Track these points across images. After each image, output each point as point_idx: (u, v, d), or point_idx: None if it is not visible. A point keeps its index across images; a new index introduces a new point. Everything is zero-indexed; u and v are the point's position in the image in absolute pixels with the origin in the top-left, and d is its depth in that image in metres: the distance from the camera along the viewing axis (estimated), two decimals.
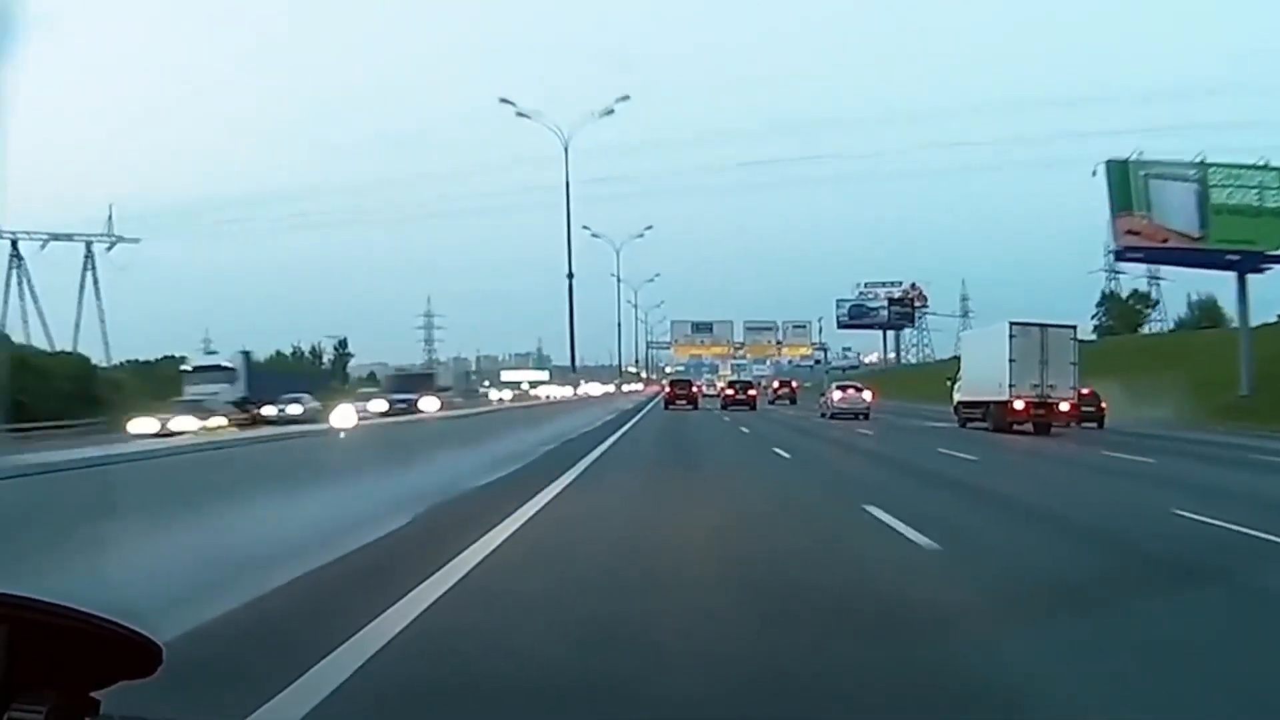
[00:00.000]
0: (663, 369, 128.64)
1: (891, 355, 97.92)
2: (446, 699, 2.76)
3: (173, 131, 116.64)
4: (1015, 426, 18.85)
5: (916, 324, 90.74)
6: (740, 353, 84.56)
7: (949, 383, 23.74)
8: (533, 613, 3.66)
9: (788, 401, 43.03)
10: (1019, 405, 19.13)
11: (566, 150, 25.52)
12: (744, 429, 18.87)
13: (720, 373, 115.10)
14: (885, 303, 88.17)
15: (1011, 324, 19.43)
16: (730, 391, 37.80)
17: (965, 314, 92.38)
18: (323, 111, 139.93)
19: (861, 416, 25.67)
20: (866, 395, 27.15)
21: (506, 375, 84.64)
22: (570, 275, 26.87)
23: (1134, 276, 78.08)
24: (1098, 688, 2.80)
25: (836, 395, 27.27)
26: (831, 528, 6.40)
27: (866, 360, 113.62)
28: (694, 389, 39.49)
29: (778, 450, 12.81)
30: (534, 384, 61.09)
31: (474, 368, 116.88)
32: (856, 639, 3.31)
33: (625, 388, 48.27)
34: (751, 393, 37.28)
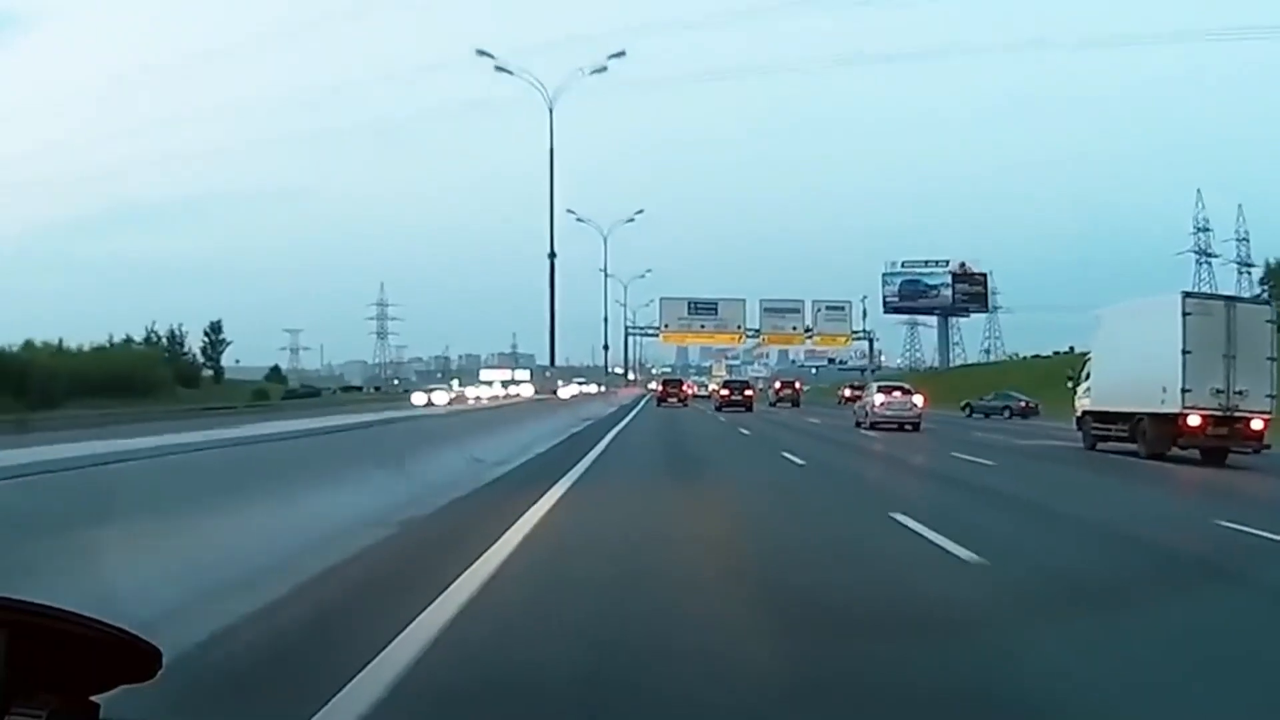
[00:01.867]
0: (649, 369, 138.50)
1: (920, 353, 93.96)
2: None
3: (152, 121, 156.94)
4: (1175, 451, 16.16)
5: (983, 311, 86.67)
6: (757, 343, 79.71)
7: (1070, 384, 21.08)
8: None
9: (790, 404, 52.10)
10: (1194, 420, 16.06)
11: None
12: (795, 458, 15.09)
13: (714, 373, 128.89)
14: (948, 279, 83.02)
15: (1186, 295, 16.60)
16: (725, 392, 44.43)
17: (994, 309, 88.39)
18: (297, 101, 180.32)
19: (909, 426, 25.48)
20: (917, 400, 26.88)
21: (486, 374, 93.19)
22: None
23: (1225, 261, 76.86)
24: None
25: (879, 400, 26.90)
26: None
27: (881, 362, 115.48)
28: (684, 388, 52.68)
29: (932, 536, 7.26)
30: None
31: (454, 365, 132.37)
32: None
33: (566, 392, 40.07)
34: (748, 393, 43.85)
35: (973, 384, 59.24)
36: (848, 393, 73.18)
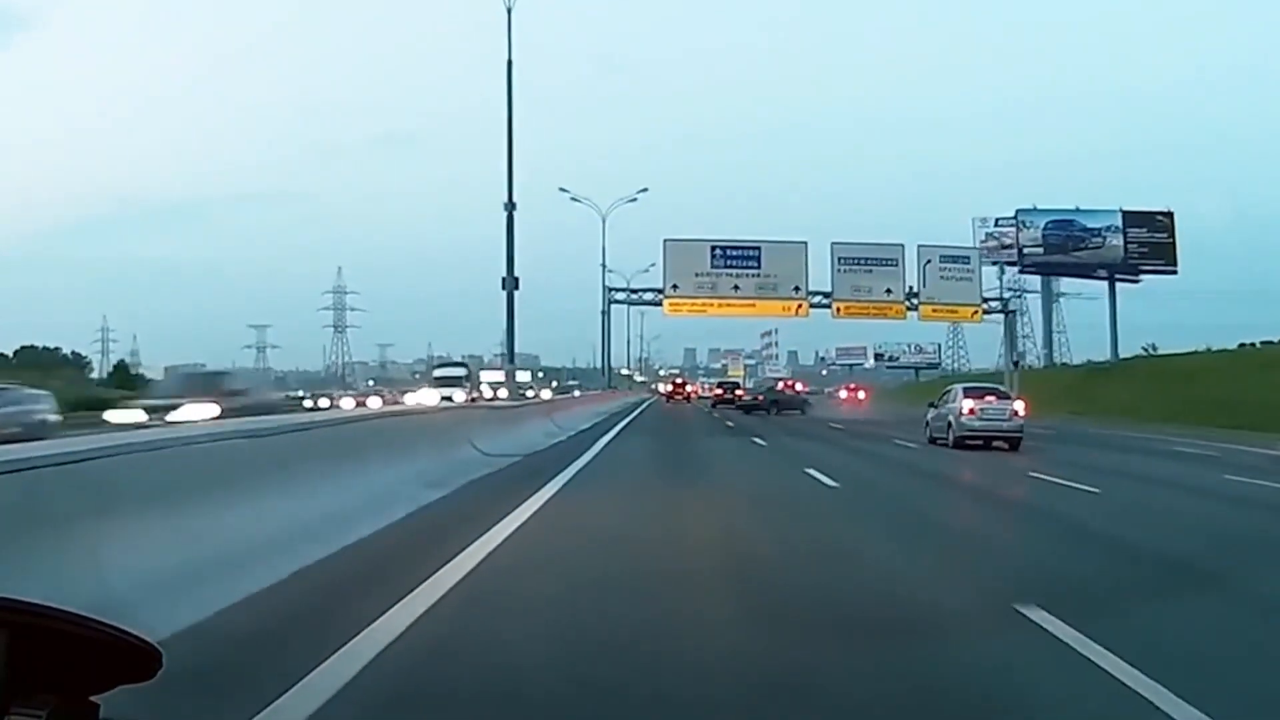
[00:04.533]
0: (655, 369, 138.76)
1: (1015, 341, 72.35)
2: None
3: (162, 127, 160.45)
4: None
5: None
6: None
7: None
8: None
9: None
10: None
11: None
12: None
13: (730, 372, 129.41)
14: (1116, 221, 65.99)
15: None
16: (719, 391, 67.43)
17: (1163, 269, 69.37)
18: (311, 109, 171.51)
19: (1006, 443, 24.40)
20: (1018, 406, 25.25)
21: (487, 375, 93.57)
22: None
23: None
24: None
25: (967, 406, 24.76)
26: None
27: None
28: (688, 389, 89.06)
29: None
30: None
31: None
32: None
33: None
34: (738, 393, 65.21)
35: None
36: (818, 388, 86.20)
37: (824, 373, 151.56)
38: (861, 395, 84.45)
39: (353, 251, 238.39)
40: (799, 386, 66.41)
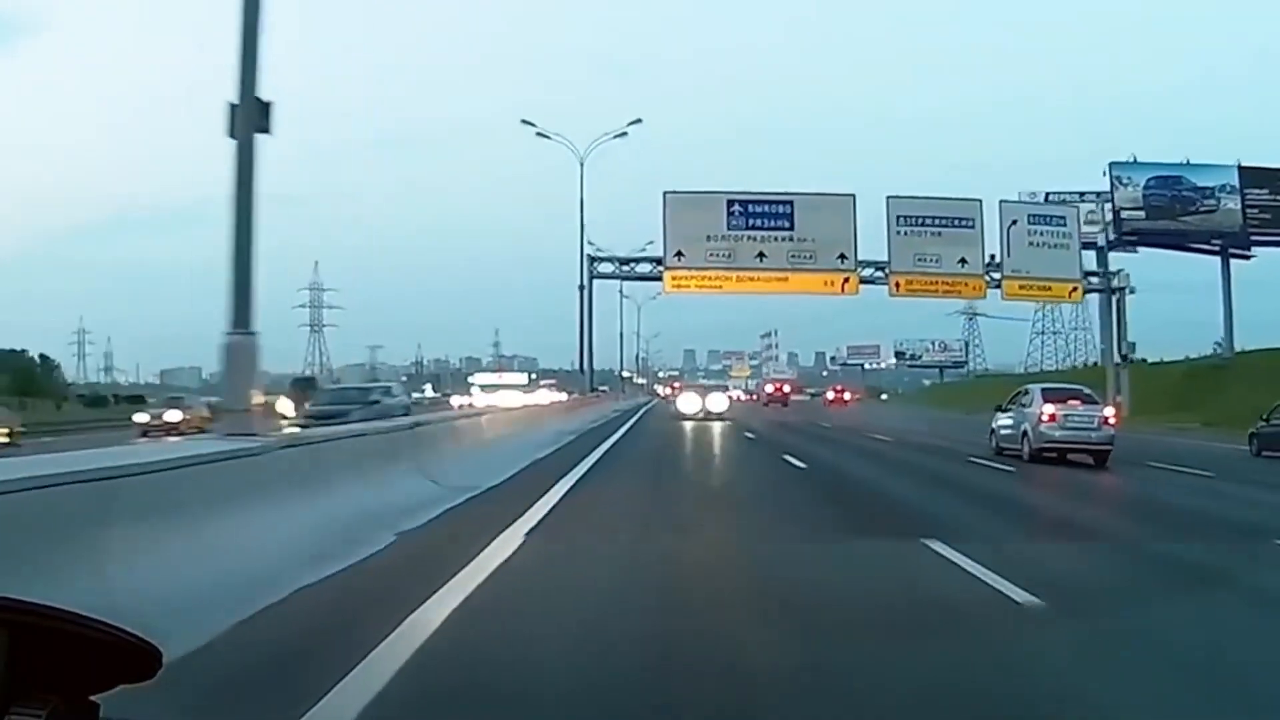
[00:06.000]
0: (655, 372, 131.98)
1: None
2: None
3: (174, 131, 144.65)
4: None
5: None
6: (887, 285, 39.52)
7: None
8: None
9: (780, 404, 72.97)
10: None
11: None
12: None
13: (735, 373, 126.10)
14: (1232, 180, 52.25)
15: None
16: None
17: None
18: (310, 109, 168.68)
19: (1094, 457, 22.36)
20: (1108, 413, 23.44)
21: (482, 378, 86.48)
22: None
23: None
24: None
25: (1047, 411, 22.65)
26: None
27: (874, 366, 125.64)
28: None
29: None
30: None
31: (453, 369, 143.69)
32: None
33: None
34: (732, 394, 73.75)
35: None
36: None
37: (824, 374, 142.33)
38: (848, 397, 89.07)
39: (347, 253, 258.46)
40: (787, 389, 76.14)
